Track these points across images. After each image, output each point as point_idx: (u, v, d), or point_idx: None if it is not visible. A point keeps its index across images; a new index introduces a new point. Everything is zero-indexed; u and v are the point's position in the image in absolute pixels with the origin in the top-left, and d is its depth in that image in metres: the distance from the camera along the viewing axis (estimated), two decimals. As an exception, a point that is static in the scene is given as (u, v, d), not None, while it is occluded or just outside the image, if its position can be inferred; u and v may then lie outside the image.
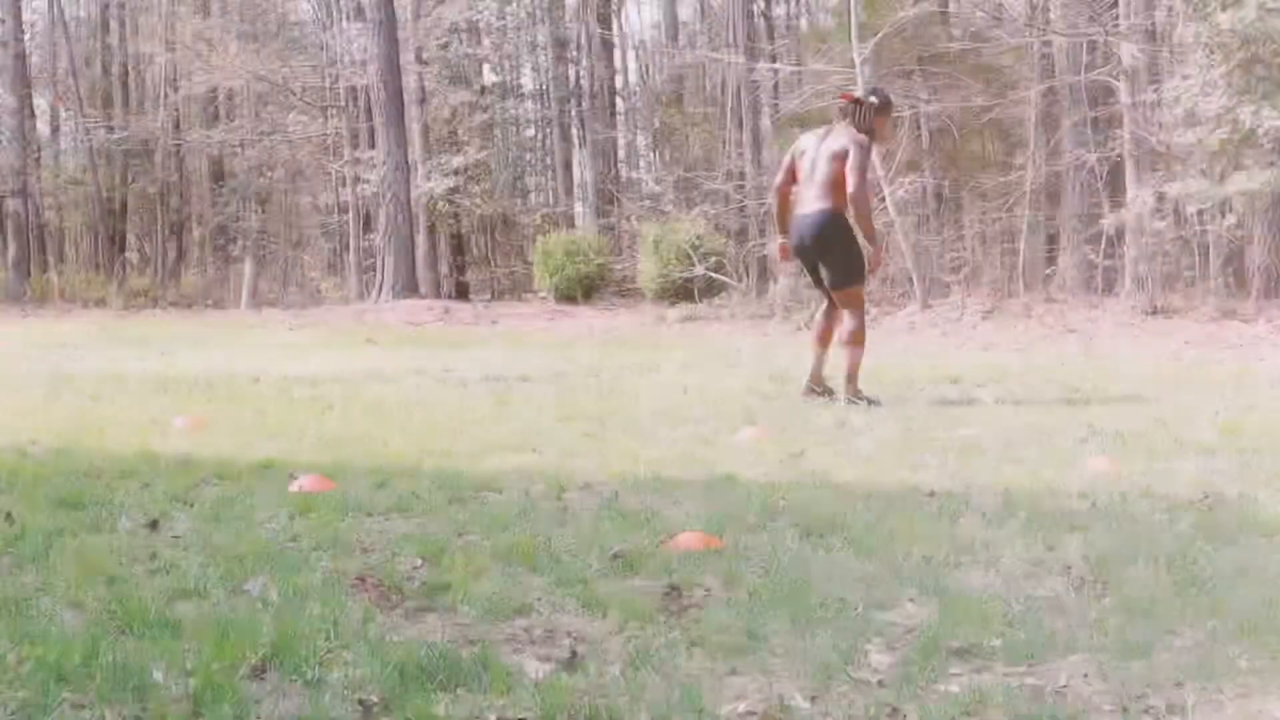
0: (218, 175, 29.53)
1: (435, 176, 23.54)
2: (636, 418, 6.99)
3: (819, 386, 7.60)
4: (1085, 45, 17.25)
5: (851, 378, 7.45)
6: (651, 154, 29.14)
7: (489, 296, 25.44)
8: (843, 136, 7.41)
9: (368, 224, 24.23)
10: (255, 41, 25.10)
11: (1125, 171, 15.48)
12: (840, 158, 7.31)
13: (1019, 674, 2.97)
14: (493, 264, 27.42)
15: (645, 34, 32.88)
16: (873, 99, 7.55)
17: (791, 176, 7.64)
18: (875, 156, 16.17)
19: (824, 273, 7.60)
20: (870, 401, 7.38)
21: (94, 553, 4.03)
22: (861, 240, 7.69)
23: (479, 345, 12.23)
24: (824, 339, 7.69)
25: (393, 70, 20.27)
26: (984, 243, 21.48)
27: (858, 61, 16.43)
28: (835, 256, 7.50)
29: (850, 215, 7.50)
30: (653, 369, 9.71)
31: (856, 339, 7.49)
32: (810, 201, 7.47)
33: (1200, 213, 16.51)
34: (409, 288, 20.17)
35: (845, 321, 7.54)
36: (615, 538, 4.21)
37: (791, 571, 3.81)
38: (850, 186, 7.23)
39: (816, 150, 7.51)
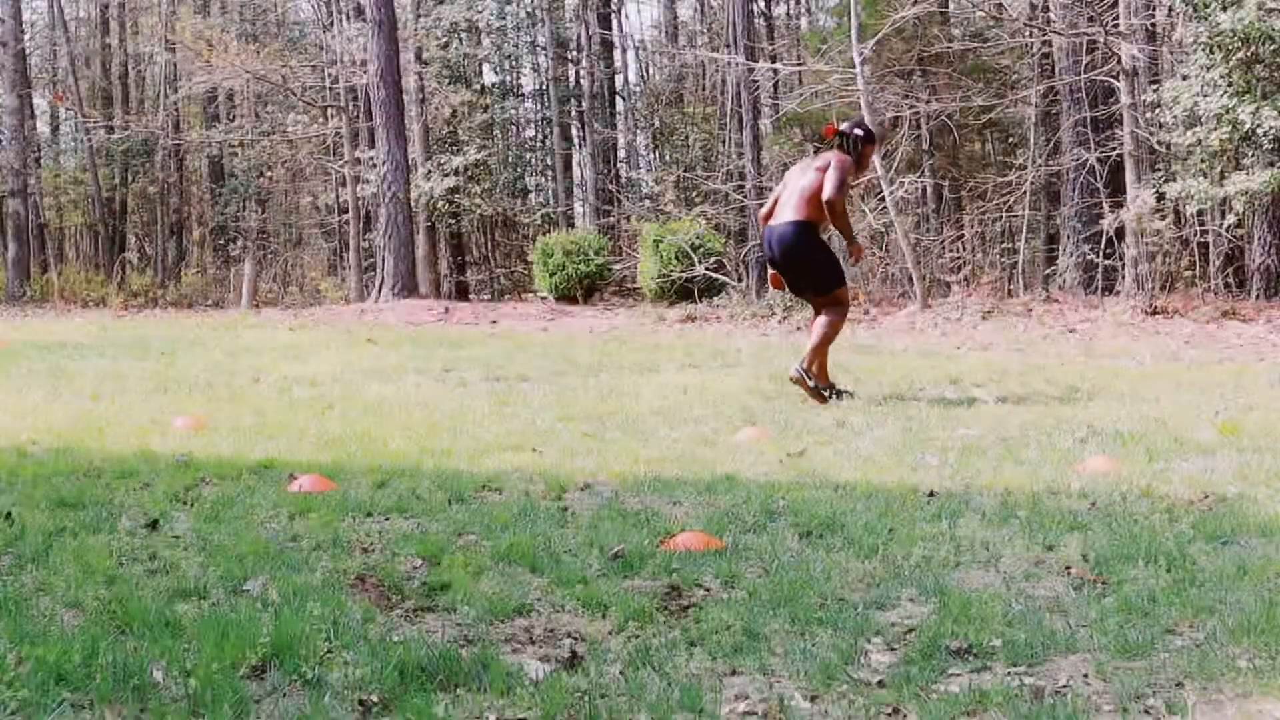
0: (218, 175, 29.54)
1: (435, 176, 23.54)
2: (636, 418, 6.99)
3: (826, 387, 7.63)
4: (1085, 45, 17.25)
5: (815, 353, 7.55)
6: (651, 154, 29.14)
7: (489, 296, 25.44)
8: (828, 155, 7.59)
9: (368, 224, 24.23)
10: (255, 41, 25.12)
11: (1125, 171, 15.48)
12: (821, 170, 7.48)
13: (1019, 674, 2.97)
14: (493, 264, 27.42)
15: (645, 34, 32.90)
16: (857, 131, 7.68)
17: (776, 202, 7.78)
18: (878, 165, 16.17)
19: (805, 283, 7.72)
20: (825, 389, 7.51)
21: (94, 553, 4.03)
22: (838, 249, 7.77)
23: (479, 345, 12.23)
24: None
25: (393, 70, 20.26)
26: (984, 242, 21.49)
27: (858, 61, 16.42)
28: (808, 266, 7.60)
29: (823, 228, 7.63)
30: (652, 369, 9.71)
31: (832, 327, 7.63)
32: (783, 214, 7.58)
33: (1200, 213, 16.52)
34: (409, 288, 20.17)
35: (826, 313, 7.66)
36: (615, 538, 4.22)
37: (791, 571, 3.81)
38: (825, 193, 7.34)
39: (800, 170, 7.74)
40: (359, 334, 14.00)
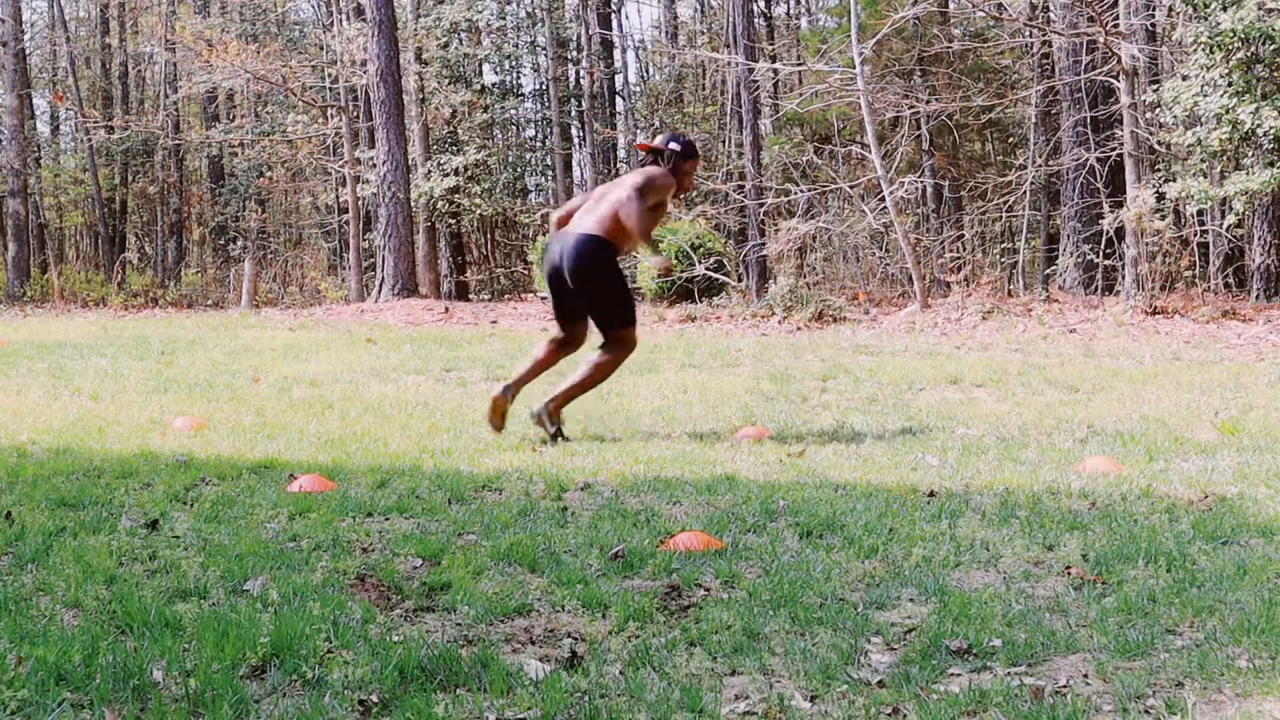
0: (218, 175, 29.55)
1: (435, 176, 23.55)
2: (636, 417, 6.99)
3: (511, 398, 6.52)
4: (1085, 45, 17.27)
5: (567, 395, 6.45)
6: (651, 154, 29.09)
7: (489, 296, 25.44)
8: (639, 173, 6.56)
9: (368, 224, 24.23)
10: (255, 41, 25.11)
11: (1125, 171, 15.48)
12: (634, 188, 6.40)
13: (1019, 674, 2.97)
14: (493, 264, 27.42)
15: (645, 34, 32.90)
16: (673, 145, 6.62)
17: (573, 210, 6.72)
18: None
19: (589, 309, 6.52)
20: (559, 435, 6.39)
21: (94, 553, 4.03)
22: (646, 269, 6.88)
23: (479, 345, 12.22)
24: (544, 361, 6.64)
25: (393, 70, 20.26)
26: (984, 242, 21.50)
27: (857, 61, 16.43)
28: (597, 290, 6.45)
29: (624, 251, 6.54)
30: (652, 369, 9.71)
31: (602, 370, 6.51)
32: (581, 223, 6.51)
33: (1200, 213, 16.52)
34: (409, 288, 20.16)
35: (604, 351, 6.53)
36: (615, 538, 4.22)
37: (791, 571, 3.81)
38: (627, 220, 6.31)
39: (614, 183, 6.67)
40: (359, 334, 14.00)
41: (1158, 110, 14.77)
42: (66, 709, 2.77)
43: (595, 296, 6.47)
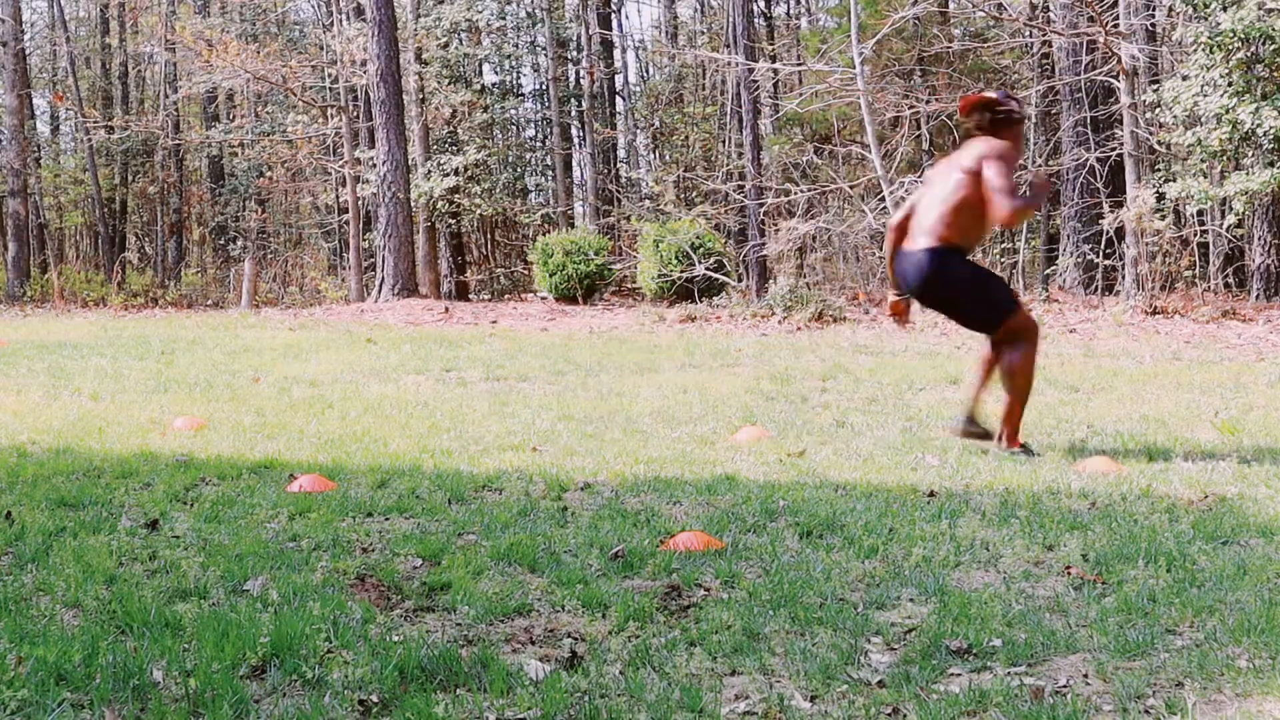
0: (218, 175, 29.55)
1: (435, 176, 23.55)
2: (636, 418, 6.99)
3: (975, 426, 6.03)
4: (1085, 45, 17.27)
5: (1008, 420, 5.90)
6: (651, 154, 29.14)
7: (489, 296, 25.44)
8: (976, 148, 5.82)
9: (368, 224, 24.22)
10: (255, 41, 25.09)
11: (1125, 171, 15.48)
12: (969, 172, 5.76)
13: (1019, 674, 2.97)
14: (493, 264, 27.41)
15: (645, 34, 32.90)
16: (1014, 105, 5.94)
17: (911, 212, 6.08)
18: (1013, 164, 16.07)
19: (961, 317, 6.08)
20: (1030, 452, 5.84)
21: (94, 553, 4.03)
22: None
23: (479, 345, 12.22)
24: (986, 367, 6.09)
25: (393, 70, 20.26)
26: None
27: (857, 61, 16.43)
28: (957, 297, 5.94)
29: (974, 246, 5.96)
30: (652, 369, 9.71)
31: (1017, 372, 5.87)
32: (918, 236, 5.93)
33: (1200, 213, 16.52)
34: (409, 288, 20.16)
35: (1009, 352, 5.91)
36: (615, 538, 4.22)
37: (791, 571, 3.81)
38: (998, 211, 5.59)
39: (944, 172, 5.99)
40: (359, 334, 13.99)
41: (1158, 110, 14.77)
42: (66, 709, 2.77)
43: (954, 307, 6.00)
